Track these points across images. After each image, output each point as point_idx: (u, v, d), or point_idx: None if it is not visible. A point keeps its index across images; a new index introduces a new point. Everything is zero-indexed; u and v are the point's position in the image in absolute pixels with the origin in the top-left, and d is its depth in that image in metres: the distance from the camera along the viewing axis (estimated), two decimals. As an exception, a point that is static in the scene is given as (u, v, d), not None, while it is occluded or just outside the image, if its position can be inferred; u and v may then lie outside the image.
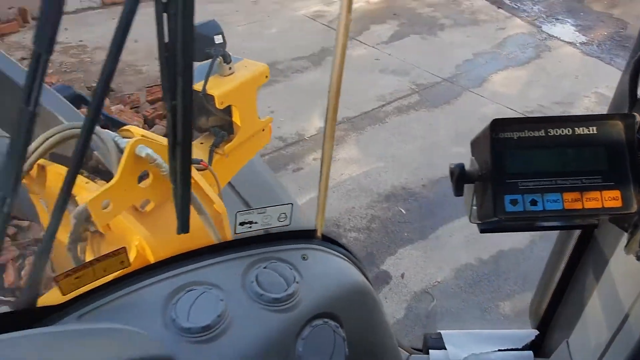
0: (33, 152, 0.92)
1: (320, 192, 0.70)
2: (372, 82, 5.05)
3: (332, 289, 0.68)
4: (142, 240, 0.88)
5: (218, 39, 1.22)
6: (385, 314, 0.77)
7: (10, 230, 3.48)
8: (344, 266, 0.72)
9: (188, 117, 0.49)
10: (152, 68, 5.67)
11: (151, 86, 4.89)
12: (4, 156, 0.93)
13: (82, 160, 0.54)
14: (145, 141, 0.82)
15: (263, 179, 1.82)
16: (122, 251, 0.60)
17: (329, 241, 0.74)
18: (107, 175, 1.00)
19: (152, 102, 4.45)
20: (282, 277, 0.65)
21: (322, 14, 6.63)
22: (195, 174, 0.97)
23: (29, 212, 1.58)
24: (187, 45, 0.45)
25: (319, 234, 0.73)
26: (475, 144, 0.58)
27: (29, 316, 0.57)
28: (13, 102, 1.18)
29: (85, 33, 6.43)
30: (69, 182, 0.54)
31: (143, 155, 0.80)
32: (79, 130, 0.90)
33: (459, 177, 0.55)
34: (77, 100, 1.16)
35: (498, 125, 0.52)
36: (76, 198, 0.94)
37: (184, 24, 0.44)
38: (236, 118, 1.30)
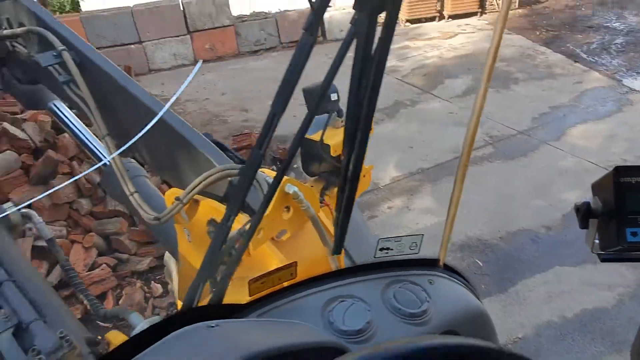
0: (193, 189, 1.12)
1: (446, 228, 0.82)
2: (447, 134, 5.16)
3: (456, 311, 0.79)
4: (280, 264, 1.04)
5: (334, 97, 1.42)
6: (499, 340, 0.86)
7: (111, 262, 3.84)
8: (465, 292, 0.83)
9: (360, 162, 0.65)
10: (236, 119, 6.14)
11: (237, 135, 5.30)
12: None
13: (271, 197, 0.71)
14: (290, 180, 1.00)
15: (355, 220, 1.96)
16: (294, 265, 0.75)
17: (450, 270, 0.86)
18: (247, 209, 1.18)
19: (237, 150, 4.81)
20: (415, 296, 0.77)
21: (397, 69, 6.92)
22: (320, 211, 1.13)
23: (163, 239, 1.81)
24: (370, 110, 0.61)
25: (441, 263, 0.85)
26: (596, 187, 0.69)
27: (220, 310, 0.73)
28: (163, 141, 1.42)
29: (178, 87, 7.08)
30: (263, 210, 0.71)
31: (290, 192, 0.97)
32: (231, 171, 1.10)
33: (585, 212, 0.66)
34: (216, 145, 1.39)
35: (620, 171, 0.64)
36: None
37: (371, 96, 0.60)
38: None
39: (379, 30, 0.60)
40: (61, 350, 0.99)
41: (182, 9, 8.43)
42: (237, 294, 0.87)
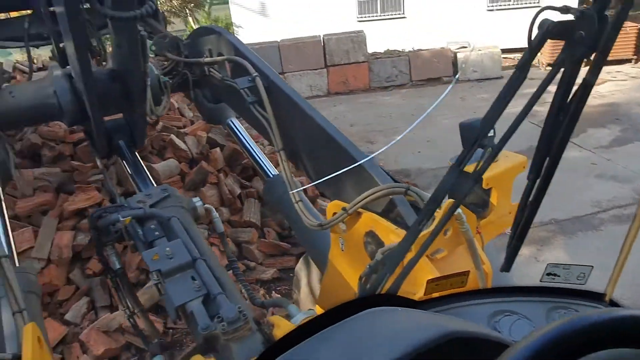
0: (360, 201, 1.27)
1: (617, 264, 0.85)
2: (587, 186, 4.80)
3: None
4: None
5: (490, 133, 1.49)
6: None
7: (241, 267, 4.19)
8: (632, 330, 0.84)
9: (544, 190, 0.72)
10: (362, 149, 6.36)
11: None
12: None
13: (447, 221, 0.81)
14: (451, 202, 1.09)
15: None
16: (466, 274, 0.84)
17: (617, 306, 0.87)
18: (402, 226, 1.29)
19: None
20: (581, 323, 0.80)
21: (534, 113, 6.57)
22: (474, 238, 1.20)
23: (311, 246, 1.99)
24: (563, 144, 0.69)
25: (608, 298, 0.87)
26: None
27: (397, 301, 0.84)
28: (330, 157, 1.60)
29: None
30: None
31: (455, 213, 1.06)
32: (398, 189, 1.22)
33: None
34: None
35: None
36: (382, 239, 1.25)
37: (566, 132, 0.68)
38: (494, 199, 1.51)
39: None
40: (239, 322, 1.18)
41: (322, 44, 9.07)
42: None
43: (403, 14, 12.75)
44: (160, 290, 1.32)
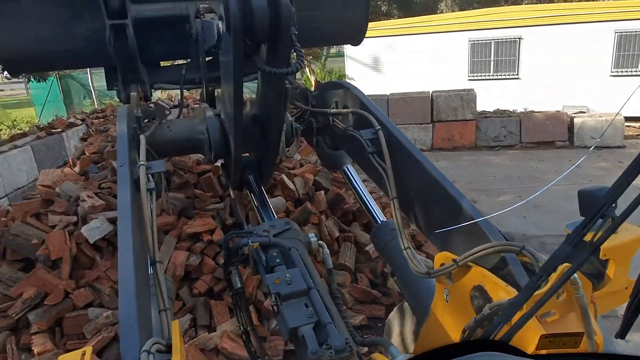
0: (472, 255, 1.33)
1: None
2: None
3: None
4: (538, 337, 1.13)
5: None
6: None
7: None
8: None
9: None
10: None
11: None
12: None
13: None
14: (567, 266, 1.12)
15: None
16: (580, 335, 0.87)
17: None
18: (511, 284, 1.32)
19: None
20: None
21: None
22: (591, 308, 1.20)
23: (411, 294, 2.04)
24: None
25: None
26: None
27: (511, 351, 0.88)
28: (441, 208, 1.68)
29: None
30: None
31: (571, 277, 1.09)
32: (513, 247, 1.26)
33: None
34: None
35: None
36: (491, 294, 1.29)
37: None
38: (610, 271, 1.47)
39: None
40: (345, 352, 1.28)
41: (431, 100, 9.20)
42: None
43: (517, 74, 12.51)
44: (275, 312, 1.46)
